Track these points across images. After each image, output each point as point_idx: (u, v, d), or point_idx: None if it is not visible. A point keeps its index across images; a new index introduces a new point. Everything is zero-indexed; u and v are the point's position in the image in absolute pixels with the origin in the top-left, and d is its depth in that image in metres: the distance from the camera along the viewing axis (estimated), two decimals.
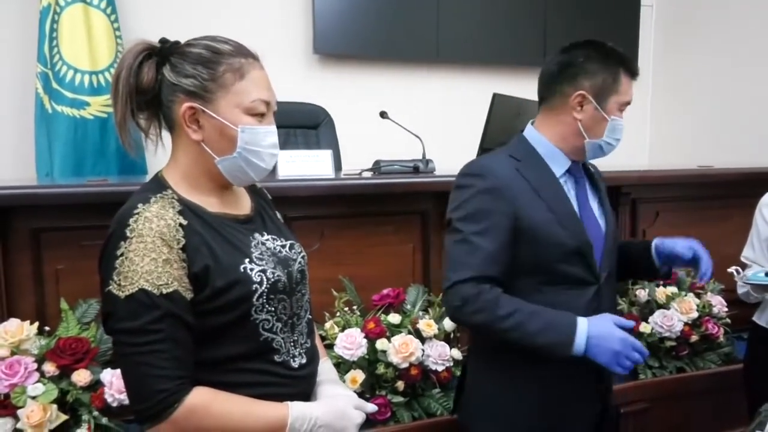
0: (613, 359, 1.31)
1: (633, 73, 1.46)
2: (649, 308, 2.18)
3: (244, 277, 1.09)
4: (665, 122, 4.59)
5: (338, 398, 1.19)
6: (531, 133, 1.51)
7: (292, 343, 1.17)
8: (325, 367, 1.29)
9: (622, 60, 1.45)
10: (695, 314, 2.16)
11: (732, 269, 1.80)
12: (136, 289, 1.01)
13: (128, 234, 1.03)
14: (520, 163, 1.45)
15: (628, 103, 1.47)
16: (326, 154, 2.01)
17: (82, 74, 2.87)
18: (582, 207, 1.48)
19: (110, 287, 1.03)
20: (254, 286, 1.09)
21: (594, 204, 1.52)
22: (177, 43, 1.13)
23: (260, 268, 1.11)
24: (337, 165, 2.88)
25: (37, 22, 2.84)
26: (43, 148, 2.84)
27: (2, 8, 2.97)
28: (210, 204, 1.13)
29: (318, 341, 1.32)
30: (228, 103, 1.09)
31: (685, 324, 2.14)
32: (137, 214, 1.04)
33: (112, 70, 2.91)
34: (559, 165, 1.48)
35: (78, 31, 2.86)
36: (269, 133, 1.14)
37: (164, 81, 1.10)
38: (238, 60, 1.10)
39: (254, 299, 1.10)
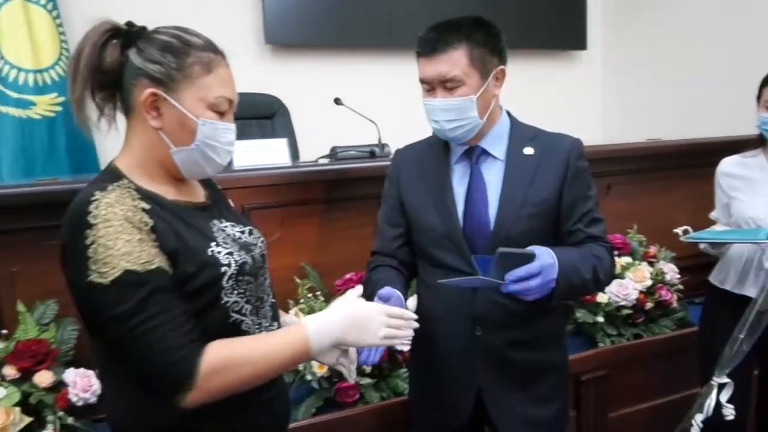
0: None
1: (418, 53, 1.39)
2: None
3: (212, 259, 1.09)
4: (616, 97, 4.70)
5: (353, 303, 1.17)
6: None
7: (257, 326, 1.17)
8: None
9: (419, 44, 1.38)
10: (649, 282, 2.23)
11: (678, 230, 1.95)
12: (121, 271, 0.98)
13: (92, 221, 1.00)
14: (431, 147, 1.48)
15: (424, 81, 1.39)
16: (281, 143, 2.01)
17: (26, 73, 2.78)
18: (475, 190, 1.42)
19: (90, 278, 0.99)
20: (223, 268, 1.09)
21: (494, 189, 1.42)
22: (144, 28, 1.13)
23: (227, 250, 1.11)
24: (295, 154, 2.87)
25: None
26: None
27: None
28: (166, 192, 1.12)
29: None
30: (192, 95, 1.09)
31: (640, 292, 2.21)
32: (96, 200, 1.01)
33: (57, 68, 2.84)
34: (457, 148, 1.47)
35: (19, 29, 2.76)
36: (228, 130, 1.14)
37: (128, 64, 1.09)
38: (207, 54, 1.10)
39: (224, 282, 1.09)
